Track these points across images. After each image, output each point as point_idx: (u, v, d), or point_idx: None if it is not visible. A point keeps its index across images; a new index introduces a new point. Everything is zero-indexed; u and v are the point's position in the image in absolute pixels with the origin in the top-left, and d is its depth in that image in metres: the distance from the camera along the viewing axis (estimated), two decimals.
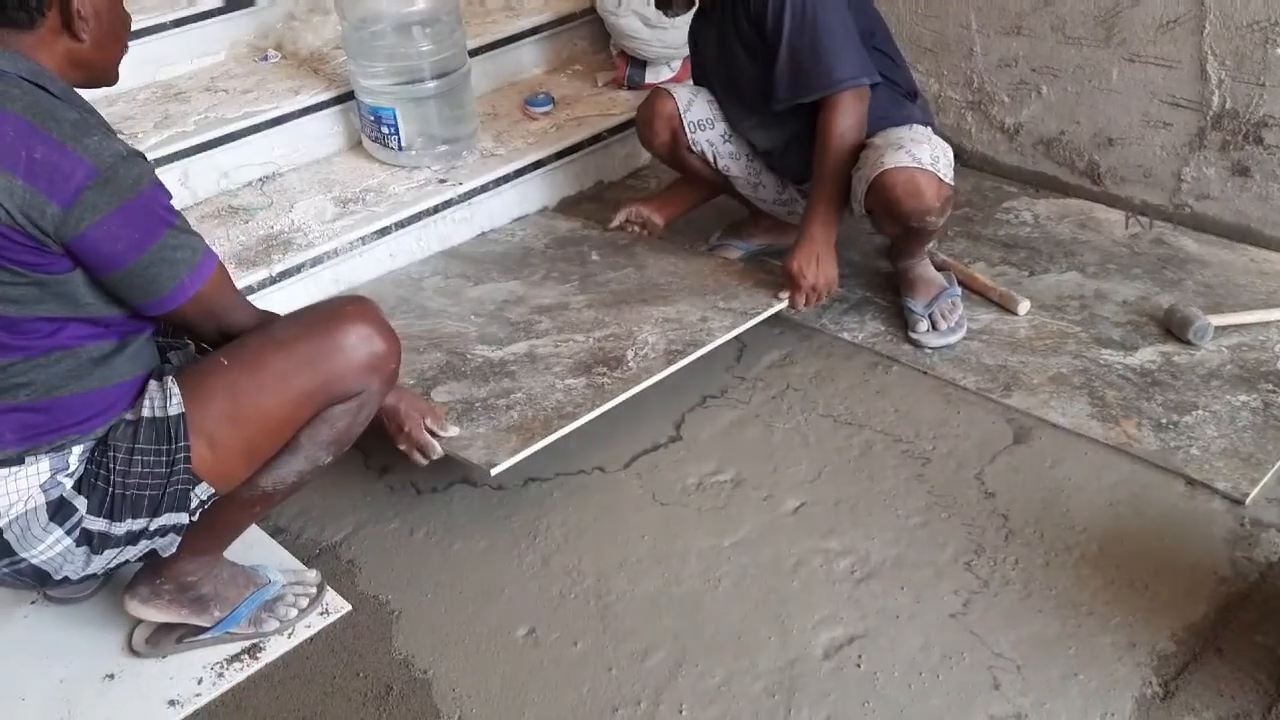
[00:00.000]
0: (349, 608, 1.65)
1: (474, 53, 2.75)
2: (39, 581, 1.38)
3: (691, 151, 2.30)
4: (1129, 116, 2.48)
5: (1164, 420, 1.89)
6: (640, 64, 2.97)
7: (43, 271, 1.25)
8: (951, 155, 2.07)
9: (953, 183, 2.04)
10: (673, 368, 1.95)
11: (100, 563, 1.38)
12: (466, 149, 2.64)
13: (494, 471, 1.72)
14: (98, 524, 1.34)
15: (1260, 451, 1.80)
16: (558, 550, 1.73)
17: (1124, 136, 2.51)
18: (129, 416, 1.35)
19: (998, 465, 1.84)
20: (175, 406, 1.35)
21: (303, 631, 1.61)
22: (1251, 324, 2.10)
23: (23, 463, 1.31)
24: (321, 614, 1.64)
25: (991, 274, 2.33)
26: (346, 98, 2.63)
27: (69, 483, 1.33)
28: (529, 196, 2.71)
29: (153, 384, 1.37)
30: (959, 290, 2.22)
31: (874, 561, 1.67)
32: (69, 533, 1.33)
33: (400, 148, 2.56)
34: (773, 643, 1.54)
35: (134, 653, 1.59)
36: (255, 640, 1.59)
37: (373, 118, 2.55)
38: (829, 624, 1.57)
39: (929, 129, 2.13)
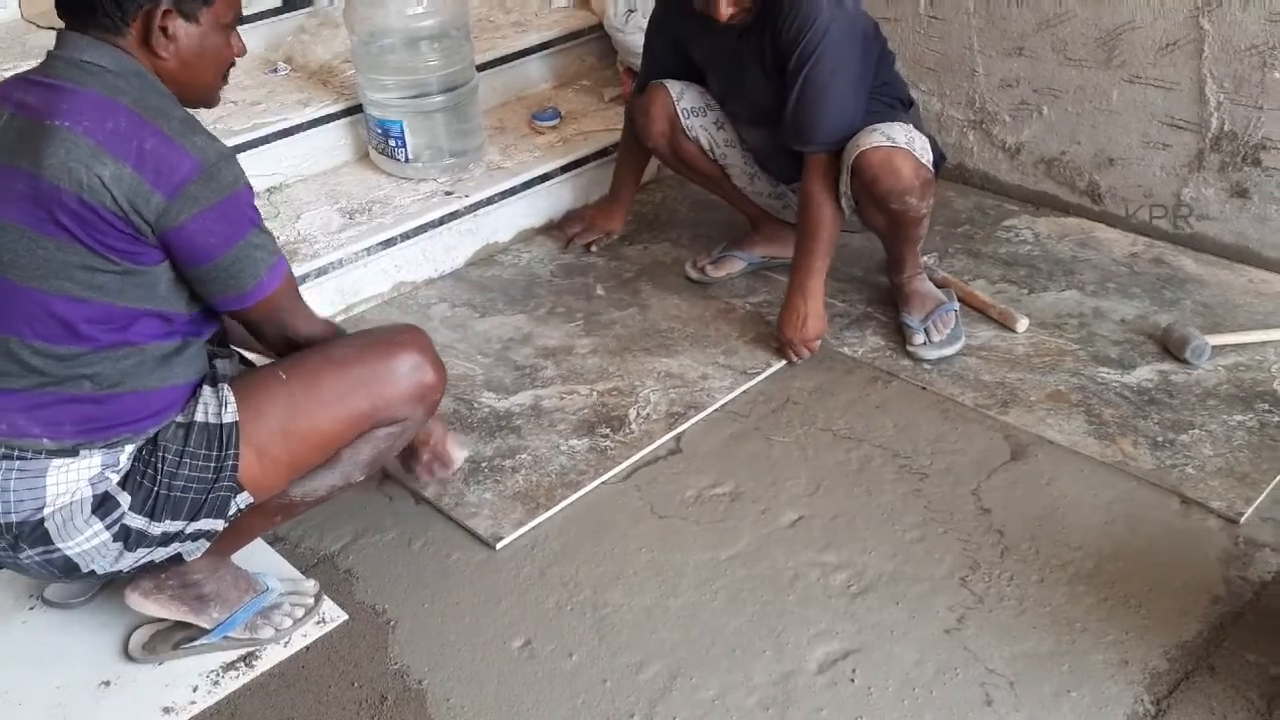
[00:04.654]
0: (345, 617, 1.66)
1: (482, 67, 2.77)
2: (65, 573, 1.39)
3: (689, 138, 2.35)
4: (1129, 137, 2.50)
5: (1160, 439, 1.90)
6: None
7: (131, 260, 1.30)
8: (929, 146, 2.14)
9: (931, 168, 2.11)
10: (673, 433, 2.00)
11: (129, 560, 1.41)
12: (473, 162, 2.66)
13: (499, 546, 1.76)
14: (138, 521, 1.37)
15: (1255, 471, 1.81)
16: (555, 562, 1.74)
17: (1124, 157, 2.53)
18: (180, 419, 1.38)
19: (994, 481, 1.84)
20: (230, 414, 1.38)
21: (299, 640, 1.62)
22: (1248, 344, 2.11)
23: (76, 455, 1.33)
24: (318, 623, 1.64)
25: (991, 291, 2.35)
26: (355, 110, 2.66)
27: (116, 479, 1.35)
28: (535, 210, 2.73)
29: (207, 389, 1.40)
30: (956, 305, 2.23)
31: (870, 576, 1.67)
32: (109, 527, 1.35)
33: (407, 160, 2.58)
34: (768, 656, 1.55)
35: (130, 658, 1.60)
36: (251, 649, 1.60)
37: (380, 130, 2.57)
38: (824, 638, 1.57)
39: (909, 125, 2.17)
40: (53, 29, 2.89)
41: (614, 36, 2.99)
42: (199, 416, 1.38)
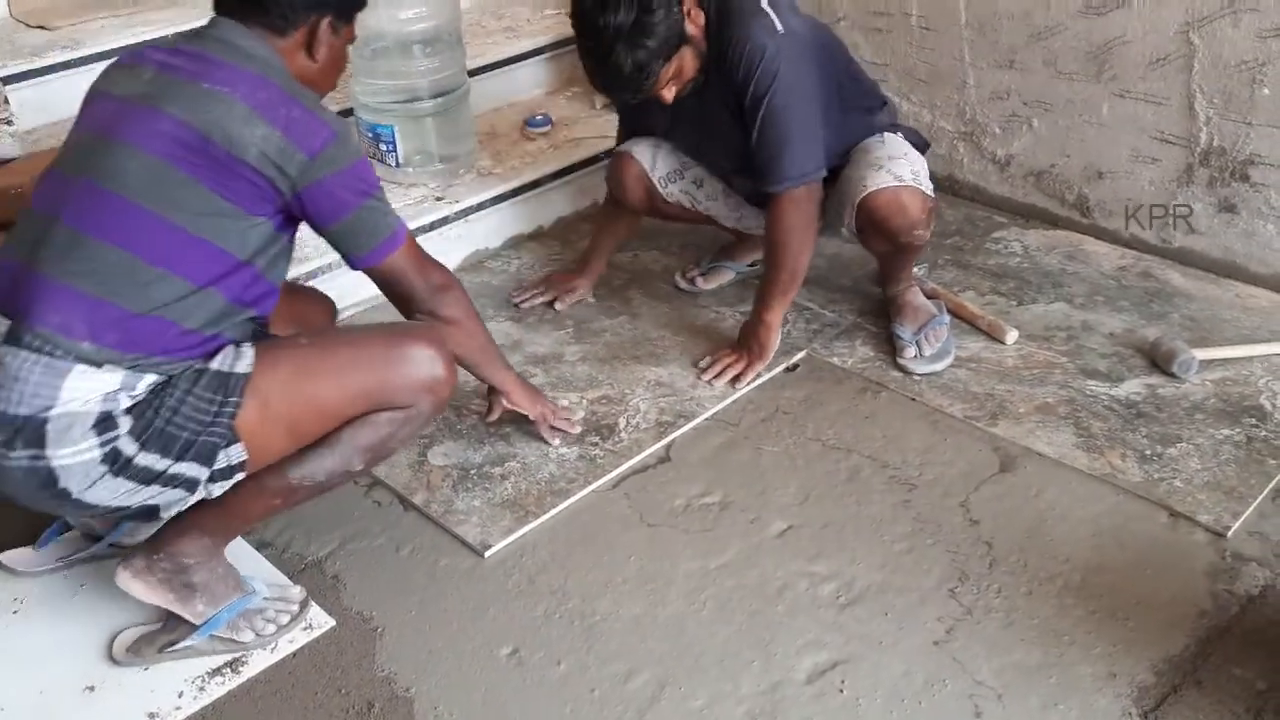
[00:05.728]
0: (333, 623, 1.65)
1: (474, 73, 2.77)
2: (41, 487, 1.40)
3: (669, 203, 2.31)
4: (1118, 151, 2.52)
5: (1148, 452, 1.91)
6: None
7: (245, 208, 1.45)
8: (925, 164, 2.13)
9: (932, 191, 2.10)
10: (662, 441, 1.99)
11: (105, 493, 1.41)
12: (464, 167, 2.66)
13: (487, 553, 1.76)
14: (129, 447, 1.40)
15: (1242, 485, 1.82)
16: (543, 570, 1.74)
17: (1113, 170, 2.54)
18: (199, 365, 1.45)
19: (983, 493, 1.85)
20: (244, 365, 1.46)
21: (286, 646, 1.61)
22: (1236, 358, 2.13)
23: (100, 368, 1.38)
24: (305, 629, 1.63)
25: (980, 303, 2.36)
26: (346, 114, 2.64)
27: (126, 403, 1.40)
28: (525, 216, 2.72)
29: (230, 346, 1.49)
30: (947, 319, 2.24)
31: (859, 586, 1.67)
32: (102, 445, 1.38)
33: (398, 164, 2.57)
34: (756, 666, 1.55)
35: (115, 661, 1.58)
36: (238, 654, 1.59)
37: (371, 134, 2.57)
38: (812, 648, 1.57)
39: (898, 135, 2.16)
40: (42, 28, 2.86)
41: None
42: (214, 365, 1.46)
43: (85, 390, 1.37)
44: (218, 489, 1.48)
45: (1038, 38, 2.54)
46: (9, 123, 2.40)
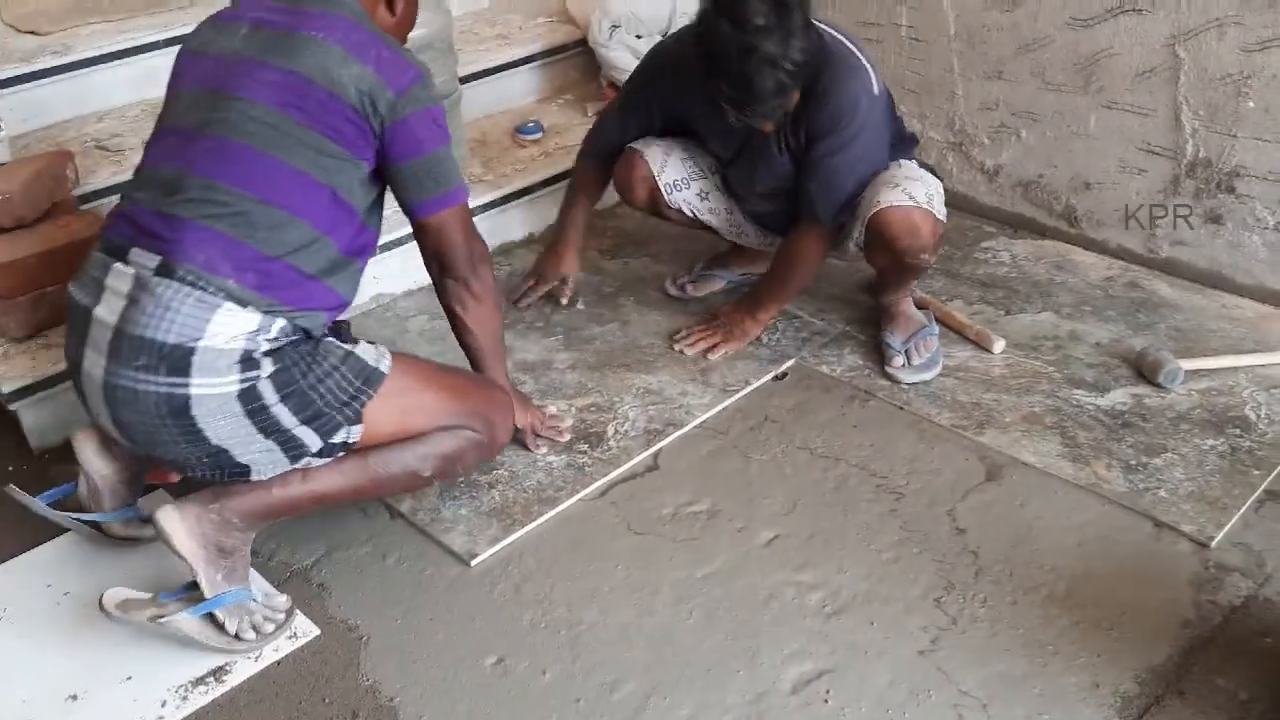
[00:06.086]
0: (318, 632, 1.64)
1: (465, 79, 2.77)
2: (169, 414, 1.48)
3: (671, 208, 2.32)
4: (1106, 162, 2.53)
5: (1134, 462, 1.91)
6: None
7: (351, 150, 1.57)
8: (942, 190, 2.14)
9: (944, 217, 2.11)
10: (651, 449, 1.99)
11: (226, 431, 1.50)
12: None
13: (474, 563, 1.76)
14: (267, 392, 1.50)
15: (1226, 495, 1.83)
16: (529, 578, 1.74)
17: (1101, 181, 2.56)
18: (346, 347, 1.60)
19: (969, 502, 1.85)
20: (385, 366, 1.62)
21: (270, 655, 1.60)
22: (1221, 369, 2.14)
23: (245, 307, 1.50)
24: (290, 638, 1.63)
25: (968, 312, 2.36)
26: None
27: (265, 346, 1.51)
28: (516, 223, 2.73)
29: (371, 346, 1.64)
30: (937, 329, 2.24)
31: (845, 596, 1.68)
32: (242, 383, 1.49)
33: None
34: (742, 676, 1.55)
35: (103, 611, 1.55)
36: (216, 650, 1.58)
37: None
38: (798, 658, 1.57)
39: (914, 163, 2.17)
40: (32, 33, 2.85)
41: (597, 52, 3.00)
42: (359, 352, 1.61)
43: (231, 327, 1.48)
44: (317, 463, 1.60)
45: (1026, 49, 2.55)
46: None
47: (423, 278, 2.54)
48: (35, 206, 2.12)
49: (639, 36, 2.96)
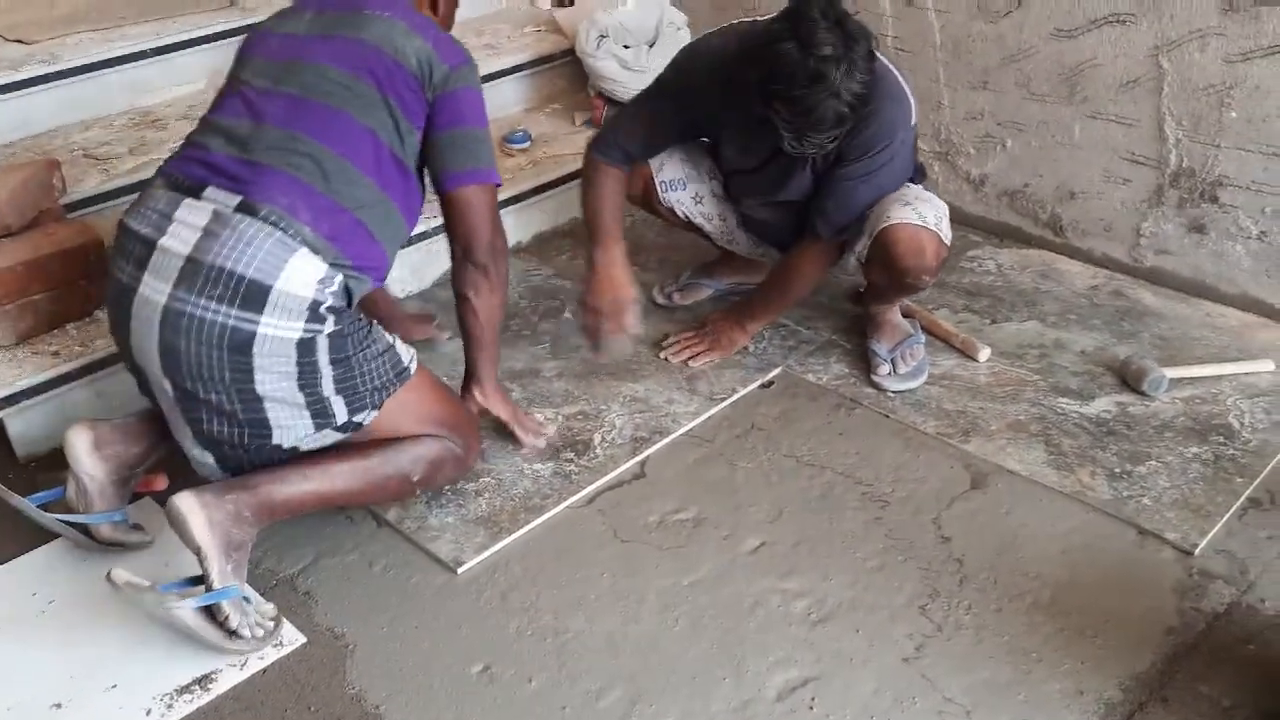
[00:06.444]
0: (304, 640, 1.64)
1: None
2: (229, 348, 1.53)
3: (663, 206, 2.33)
4: (1090, 171, 2.55)
5: (1118, 470, 1.93)
6: (617, 105, 3.01)
7: (409, 116, 1.70)
8: (947, 213, 2.12)
9: (949, 241, 2.11)
10: (637, 457, 2.00)
11: (275, 373, 1.56)
12: None
13: (460, 570, 1.76)
14: (321, 351, 1.58)
15: (1210, 503, 1.84)
16: (516, 586, 1.74)
17: (1085, 191, 2.58)
18: (390, 339, 1.72)
19: (955, 510, 1.86)
20: (414, 367, 1.74)
21: (255, 663, 1.60)
22: (1205, 377, 2.15)
23: (318, 254, 1.58)
24: (276, 646, 1.62)
25: (954, 320, 2.38)
26: None
27: (329, 300, 1.59)
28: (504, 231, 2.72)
29: (407, 346, 1.76)
30: (923, 338, 2.25)
31: (830, 603, 1.68)
32: (305, 331, 1.56)
33: None
34: (727, 684, 1.55)
35: (110, 583, 1.53)
36: (207, 650, 1.57)
37: None
38: (784, 665, 1.58)
39: (921, 186, 2.17)
40: (20, 41, 2.85)
41: (585, 61, 3.01)
42: (398, 348, 1.72)
43: (304, 273, 1.55)
44: (336, 436, 1.66)
45: (1011, 60, 2.57)
46: None
47: (411, 285, 2.56)
48: (21, 215, 2.12)
49: (626, 46, 2.98)
